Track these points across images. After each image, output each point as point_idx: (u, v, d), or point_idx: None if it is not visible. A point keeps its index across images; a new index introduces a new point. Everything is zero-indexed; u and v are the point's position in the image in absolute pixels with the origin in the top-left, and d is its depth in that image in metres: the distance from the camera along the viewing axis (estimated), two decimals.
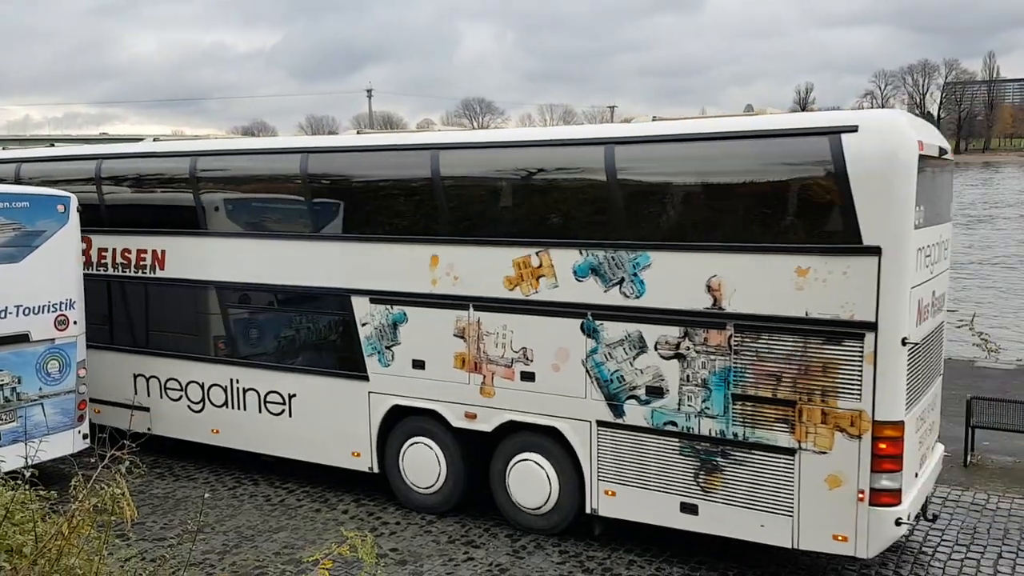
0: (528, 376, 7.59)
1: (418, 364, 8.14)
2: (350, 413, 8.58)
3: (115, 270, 10.04)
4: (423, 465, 8.28)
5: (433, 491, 8.31)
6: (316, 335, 8.95)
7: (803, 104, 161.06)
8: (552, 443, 7.60)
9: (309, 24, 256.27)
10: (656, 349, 7.00)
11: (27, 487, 4.70)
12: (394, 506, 8.54)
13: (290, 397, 9.03)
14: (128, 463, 4.40)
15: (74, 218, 9.09)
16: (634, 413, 7.15)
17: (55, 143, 15.32)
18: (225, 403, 9.51)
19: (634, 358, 7.10)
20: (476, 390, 7.86)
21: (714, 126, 6.93)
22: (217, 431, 9.59)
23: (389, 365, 8.30)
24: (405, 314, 8.14)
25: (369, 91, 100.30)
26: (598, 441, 7.35)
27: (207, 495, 9.06)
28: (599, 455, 7.37)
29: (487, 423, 7.87)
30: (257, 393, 9.25)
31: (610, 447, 7.31)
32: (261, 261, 8.98)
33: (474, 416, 7.91)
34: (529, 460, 7.74)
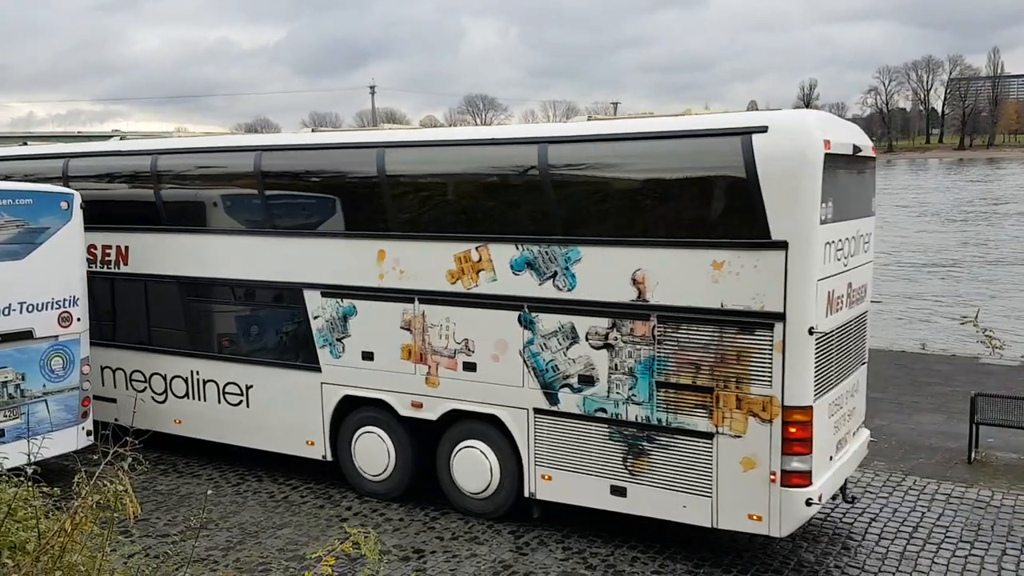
0: (470, 366, 8.11)
1: (367, 356, 8.67)
2: (304, 403, 9.11)
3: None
4: (373, 453, 8.81)
5: (383, 478, 8.84)
6: (271, 328, 9.47)
7: (807, 100, 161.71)
8: (493, 430, 8.12)
9: (313, 20, 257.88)
10: (587, 339, 7.52)
11: (30, 484, 4.74)
12: (397, 502, 8.74)
13: (247, 388, 9.55)
14: (131, 459, 4.46)
15: (78, 215, 9.28)
16: (568, 401, 7.68)
17: (27, 142, 15.74)
18: (186, 394, 10.03)
19: (567, 348, 7.62)
20: (422, 380, 8.38)
21: (637, 127, 7.48)
22: (180, 421, 10.11)
23: (340, 357, 8.83)
24: (355, 307, 8.66)
25: (372, 88, 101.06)
26: (535, 428, 7.87)
27: (211, 491, 9.24)
28: (536, 441, 7.89)
29: (432, 412, 8.39)
30: (216, 384, 9.77)
31: (546, 433, 7.83)
32: (220, 256, 9.50)
33: (420, 405, 8.44)
34: (472, 447, 8.26)
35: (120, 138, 11.89)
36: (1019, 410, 9.76)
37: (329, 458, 9.14)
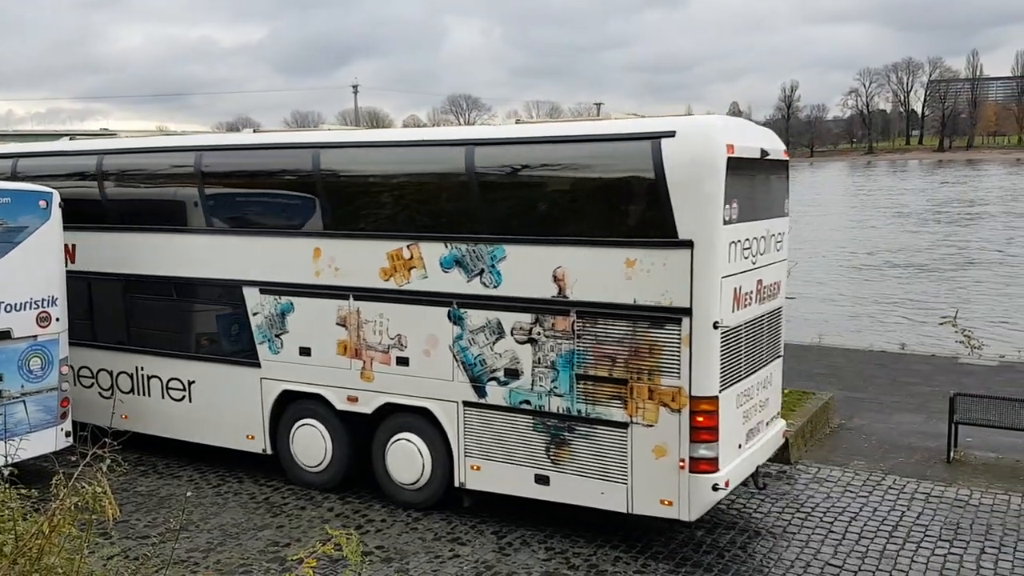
0: (403, 361, 8.57)
1: (305, 351, 9.11)
2: (244, 398, 9.53)
3: None
4: (311, 446, 9.25)
5: (320, 470, 9.28)
6: (213, 325, 9.88)
7: (788, 101, 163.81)
8: (425, 423, 8.59)
9: (296, 19, 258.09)
10: (512, 334, 8.00)
11: (7, 485, 4.75)
12: (380, 503, 8.90)
13: (190, 384, 9.96)
14: (110, 461, 4.47)
15: (56, 214, 9.29)
16: (495, 393, 8.16)
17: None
18: (132, 390, 10.42)
19: (494, 343, 8.10)
20: (357, 375, 8.84)
21: (557, 131, 7.98)
22: (126, 416, 10.47)
23: (279, 352, 9.26)
24: (292, 304, 9.10)
25: (355, 87, 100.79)
26: (464, 420, 8.35)
27: (191, 493, 9.31)
28: (465, 433, 8.36)
29: (367, 406, 8.84)
30: (160, 380, 10.18)
31: (475, 425, 8.31)
32: (163, 254, 9.90)
33: (356, 399, 8.89)
34: (405, 439, 8.72)
35: (70, 138, 12.24)
36: (997, 410, 10.02)
37: (269, 451, 9.56)
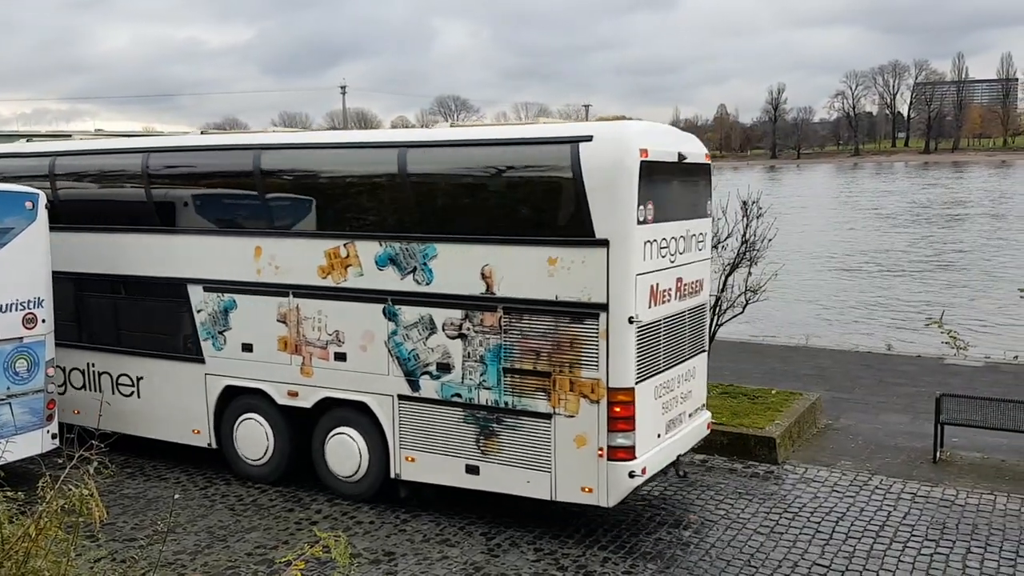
0: (341, 356, 9.02)
1: (247, 347, 9.54)
2: (190, 393, 9.95)
3: None
4: (253, 439, 9.69)
5: (262, 463, 9.72)
6: (160, 322, 10.28)
7: (775, 103, 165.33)
8: (362, 416, 9.03)
9: (284, 20, 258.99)
10: (443, 330, 8.47)
11: None
12: (368, 505, 9.02)
13: (138, 380, 10.37)
14: (97, 463, 4.50)
15: (42, 215, 9.35)
16: (428, 387, 8.61)
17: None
18: (84, 385, 10.82)
19: (426, 338, 8.56)
20: (297, 370, 9.28)
21: (482, 134, 8.47)
22: (78, 412, 10.85)
23: (222, 349, 9.69)
24: (235, 301, 9.54)
25: (343, 88, 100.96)
26: (399, 413, 8.80)
27: (178, 495, 9.40)
28: (400, 426, 8.81)
29: (307, 400, 9.28)
30: (110, 376, 10.58)
31: (409, 418, 8.76)
32: (112, 253, 10.31)
33: (296, 394, 9.33)
34: (343, 433, 9.16)
35: (26, 140, 12.63)
36: (983, 410, 10.26)
37: (214, 445, 9.98)
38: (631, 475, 7.84)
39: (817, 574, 7.63)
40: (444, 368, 8.51)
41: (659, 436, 8.35)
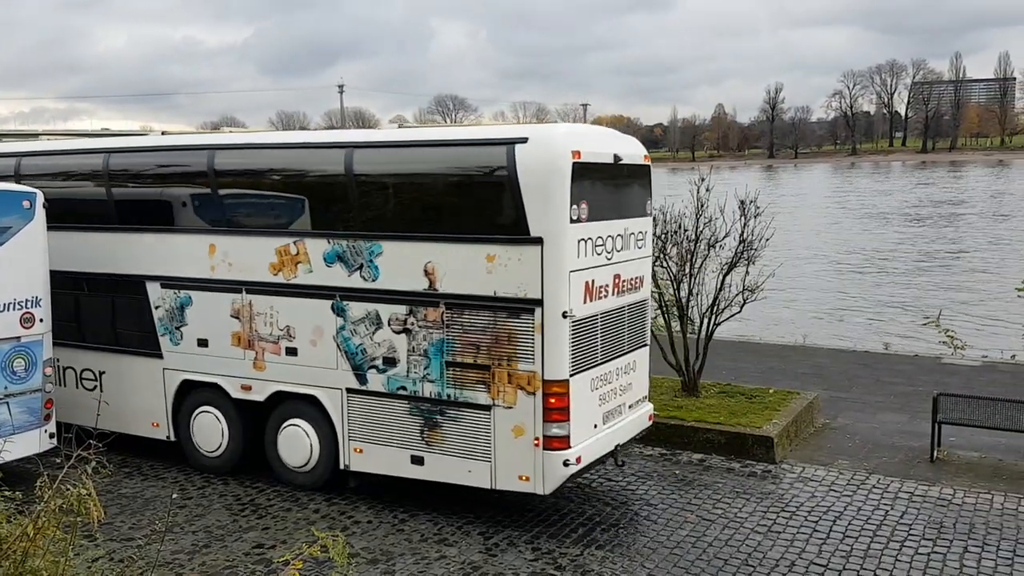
0: (292, 351, 9.40)
1: (202, 342, 9.92)
2: (149, 388, 10.33)
3: None
4: (209, 432, 10.07)
5: (218, 454, 10.10)
6: (121, 318, 10.64)
7: (773, 103, 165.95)
8: (312, 409, 9.40)
9: (281, 19, 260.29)
10: (389, 325, 8.84)
11: None
12: (366, 505, 9.16)
13: (100, 374, 10.74)
14: (95, 463, 4.53)
15: (40, 214, 9.44)
16: (374, 380, 8.99)
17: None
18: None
19: (373, 333, 8.94)
20: (250, 365, 9.65)
21: (424, 135, 8.86)
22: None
23: (179, 344, 10.07)
24: (191, 297, 9.91)
25: (341, 87, 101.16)
26: (348, 406, 9.17)
27: (176, 495, 9.47)
28: (349, 418, 9.19)
29: (260, 394, 9.66)
30: (74, 371, 10.94)
31: (357, 411, 9.14)
32: (74, 251, 10.66)
33: (249, 388, 9.70)
34: (295, 425, 9.54)
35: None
36: (980, 410, 10.34)
37: (172, 438, 10.35)
38: (566, 463, 8.22)
39: (815, 573, 7.69)
40: (390, 362, 8.88)
41: (596, 427, 8.72)
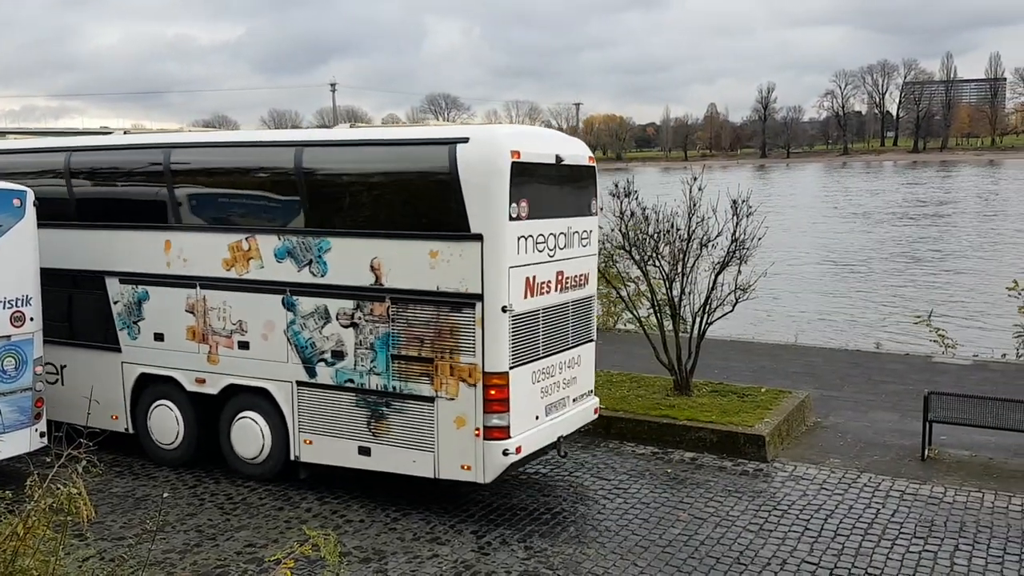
0: (244, 345, 9.68)
1: (159, 337, 10.20)
2: (108, 381, 10.59)
3: None
4: (165, 425, 10.35)
5: (174, 447, 10.38)
6: (82, 313, 10.92)
7: (765, 102, 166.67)
8: (264, 402, 9.69)
9: (275, 17, 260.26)
10: (337, 319, 9.13)
11: None
12: (358, 503, 9.22)
13: (62, 368, 11.00)
14: (86, 462, 4.55)
15: (31, 212, 9.43)
16: (323, 373, 9.28)
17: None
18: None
19: (322, 327, 9.23)
20: (204, 358, 9.94)
21: (371, 135, 9.16)
22: None
23: (136, 338, 10.35)
24: (147, 293, 10.20)
25: (333, 85, 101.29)
26: (298, 398, 9.46)
27: (167, 494, 9.51)
28: (299, 410, 9.48)
29: (214, 387, 9.95)
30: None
31: (307, 403, 9.43)
32: (40, 247, 10.89)
33: (204, 381, 9.99)
34: (247, 417, 9.83)
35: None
36: (971, 408, 10.40)
37: (131, 431, 10.63)
38: (505, 453, 8.52)
39: (806, 571, 7.73)
40: (338, 355, 9.17)
41: (537, 418, 9.03)
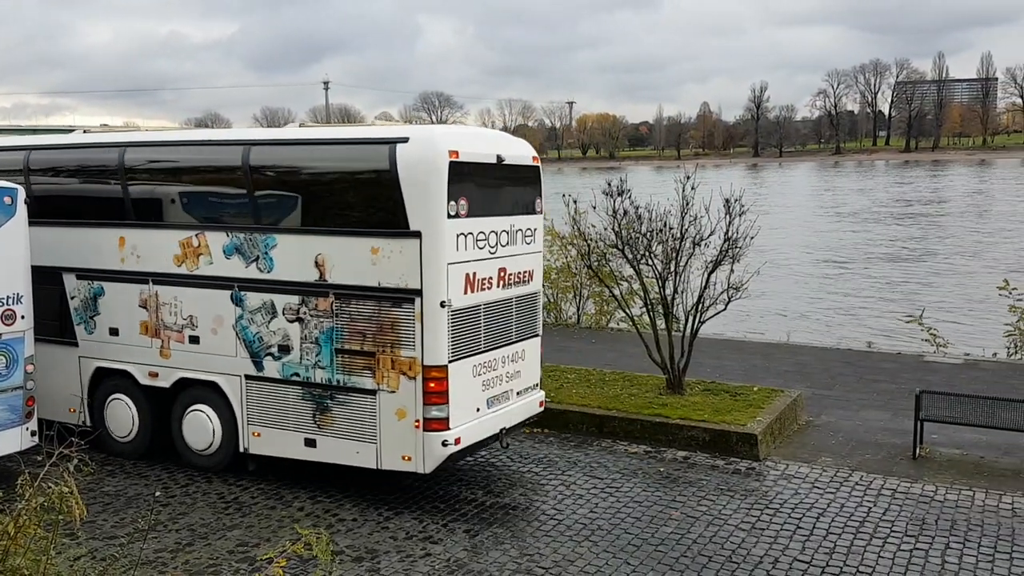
0: (194, 339, 9.94)
1: (114, 331, 10.46)
2: (67, 375, 10.85)
3: None
4: (121, 418, 10.60)
5: (129, 439, 10.64)
6: (41, 308, 11.10)
7: (758, 102, 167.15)
8: (214, 395, 9.95)
9: (268, 15, 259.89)
10: (283, 314, 9.40)
11: None
12: (351, 502, 9.25)
13: None
14: (77, 460, 4.55)
15: (21, 210, 9.43)
16: (270, 367, 9.54)
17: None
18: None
19: (269, 322, 9.49)
20: (157, 353, 10.20)
21: (313, 134, 9.42)
22: None
23: (93, 332, 10.61)
24: (103, 288, 10.45)
25: (326, 83, 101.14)
26: (246, 392, 9.72)
27: (159, 492, 9.50)
28: (247, 403, 9.74)
29: (166, 380, 10.21)
30: None
31: (255, 396, 9.69)
32: None
33: (156, 375, 10.25)
34: (198, 410, 10.08)
35: None
36: (962, 407, 10.48)
37: (88, 425, 10.87)
38: (444, 444, 8.79)
39: (798, 570, 7.76)
40: (284, 350, 9.44)
41: (478, 411, 9.30)
